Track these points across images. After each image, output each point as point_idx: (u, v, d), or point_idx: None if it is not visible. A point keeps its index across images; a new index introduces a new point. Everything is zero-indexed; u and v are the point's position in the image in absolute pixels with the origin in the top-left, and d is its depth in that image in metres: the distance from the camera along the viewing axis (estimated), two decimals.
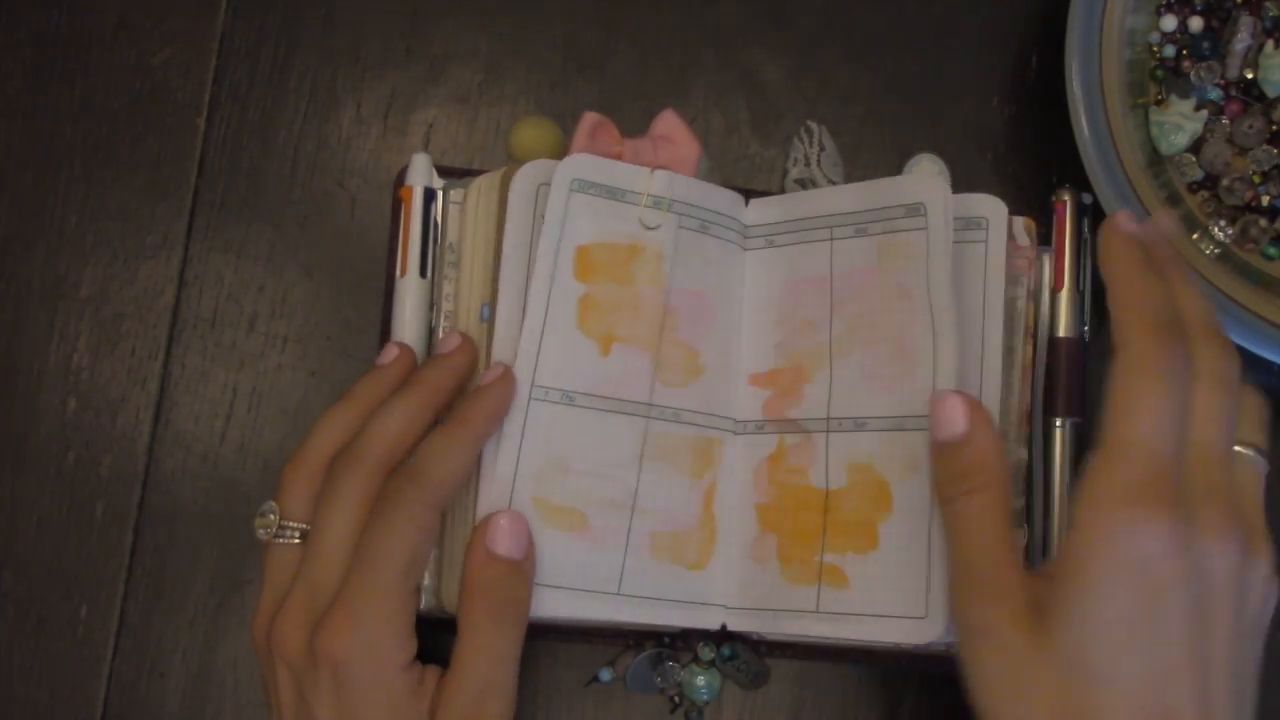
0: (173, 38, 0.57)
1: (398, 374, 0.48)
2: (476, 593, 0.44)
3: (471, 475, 0.46)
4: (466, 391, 0.47)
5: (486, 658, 0.44)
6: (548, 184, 0.48)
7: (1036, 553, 0.51)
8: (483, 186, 0.50)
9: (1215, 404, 0.41)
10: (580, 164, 0.48)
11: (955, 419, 0.43)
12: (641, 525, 0.49)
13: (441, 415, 0.47)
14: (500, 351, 0.48)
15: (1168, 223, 0.45)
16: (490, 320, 0.48)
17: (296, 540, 0.46)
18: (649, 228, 0.49)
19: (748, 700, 0.54)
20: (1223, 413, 0.41)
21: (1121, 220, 0.43)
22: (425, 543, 0.44)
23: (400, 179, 0.52)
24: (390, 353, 0.49)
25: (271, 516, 0.46)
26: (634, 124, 0.52)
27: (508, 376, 0.46)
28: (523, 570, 0.45)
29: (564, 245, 0.48)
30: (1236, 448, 0.42)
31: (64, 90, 0.56)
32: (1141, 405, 0.39)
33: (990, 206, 0.49)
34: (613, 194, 0.49)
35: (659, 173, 0.49)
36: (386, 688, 0.43)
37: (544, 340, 0.48)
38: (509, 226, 0.48)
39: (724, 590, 0.50)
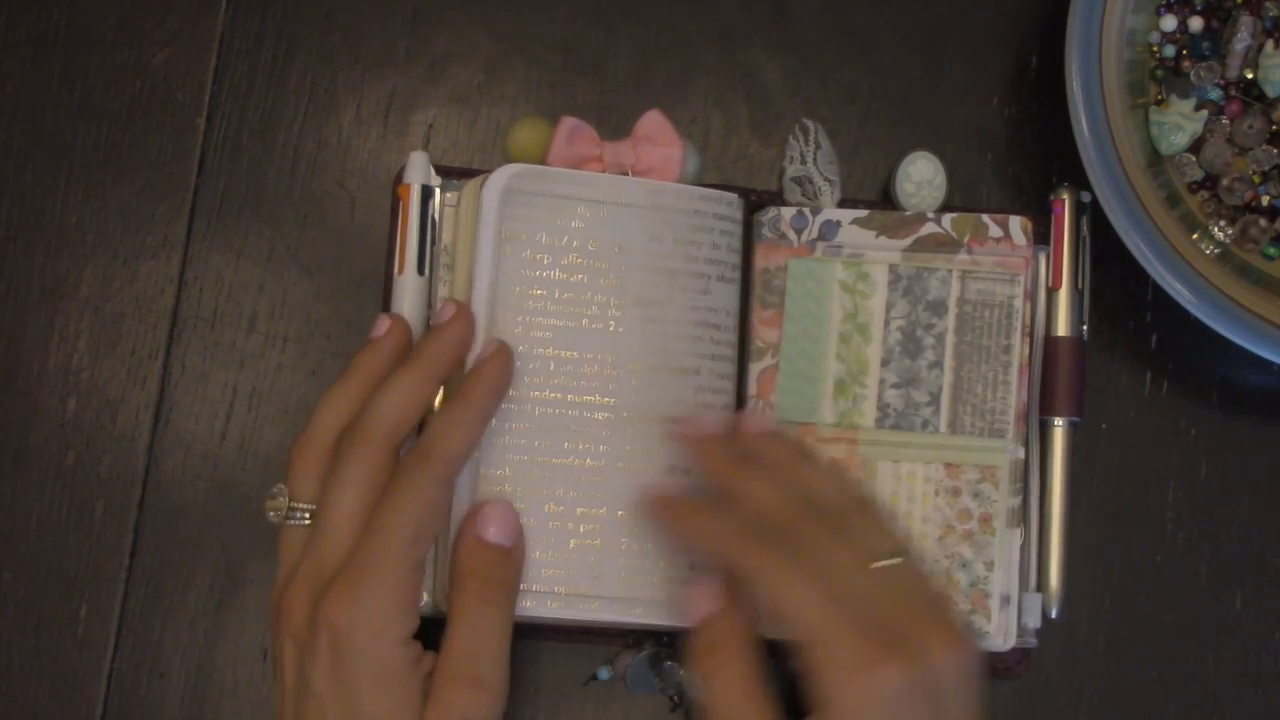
0: (173, 38, 0.57)
1: (394, 345, 0.48)
2: (465, 577, 0.45)
3: (476, 447, 0.47)
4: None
5: (478, 631, 0.44)
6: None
7: (1032, 551, 0.51)
8: (471, 190, 0.50)
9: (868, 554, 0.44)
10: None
11: (702, 601, 0.46)
12: None
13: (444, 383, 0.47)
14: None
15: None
16: None
17: (307, 521, 0.46)
18: None
19: None
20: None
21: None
22: (431, 516, 0.44)
23: (399, 177, 0.52)
24: (383, 324, 0.49)
25: (281, 499, 0.46)
26: (634, 124, 0.52)
27: (504, 351, 0.47)
28: (511, 557, 0.46)
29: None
30: (883, 563, 0.44)
31: (64, 90, 0.56)
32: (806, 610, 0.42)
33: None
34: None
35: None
36: (382, 659, 0.43)
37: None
38: (477, 235, 0.48)
39: None
